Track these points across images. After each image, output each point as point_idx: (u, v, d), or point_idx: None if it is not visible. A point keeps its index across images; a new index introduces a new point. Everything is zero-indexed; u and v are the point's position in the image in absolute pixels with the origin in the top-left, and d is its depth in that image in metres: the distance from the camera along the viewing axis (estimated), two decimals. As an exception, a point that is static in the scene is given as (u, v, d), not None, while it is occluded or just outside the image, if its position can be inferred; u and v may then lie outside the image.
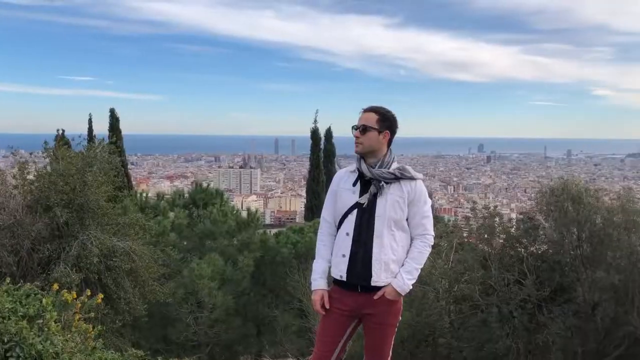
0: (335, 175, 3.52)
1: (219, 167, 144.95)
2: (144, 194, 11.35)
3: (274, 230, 16.03)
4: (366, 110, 3.40)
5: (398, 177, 3.31)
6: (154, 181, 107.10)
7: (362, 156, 3.36)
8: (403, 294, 3.36)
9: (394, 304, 3.37)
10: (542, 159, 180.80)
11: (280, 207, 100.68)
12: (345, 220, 3.34)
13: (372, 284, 3.29)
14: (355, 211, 3.30)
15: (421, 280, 11.00)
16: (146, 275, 7.24)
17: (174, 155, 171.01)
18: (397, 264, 3.34)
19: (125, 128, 14.58)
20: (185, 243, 9.98)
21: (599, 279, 10.05)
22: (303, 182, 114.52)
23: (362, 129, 3.33)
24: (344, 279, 3.31)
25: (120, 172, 8.87)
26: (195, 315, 9.40)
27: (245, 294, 10.47)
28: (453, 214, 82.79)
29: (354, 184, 3.35)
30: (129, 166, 16.66)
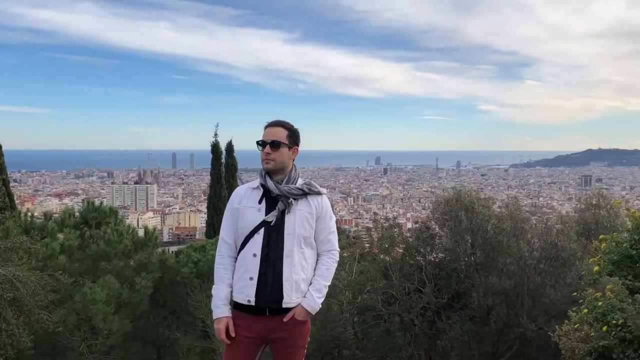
0: (234, 193, 3.29)
1: (113, 183, 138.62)
2: (29, 214, 10.45)
3: (173, 249, 15.43)
4: (274, 125, 3.25)
5: (306, 193, 3.21)
6: (41, 199, 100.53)
7: (268, 172, 3.22)
8: (313, 314, 3.23)
9: (303, 325, 3.22)
10: (434, 170, 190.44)
11: (179, 224, 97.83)
12: (251, 240, 3.13)
13: (284, 305, 3.13)
14: (262, 230, 3.12)
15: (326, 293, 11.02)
16: (32, 303, 6.62)
17: (63, 172, 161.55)
18: (307, 283, 3.22)
19: (6, 143, 13.40)
20: (77, 266, 9.30)
21: (491, 284, 10.57)
22: (203, 197, 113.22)
23: (275, 145, 3.18)
24: (252, 303, 3.11)
25: (5, 190, 8.12)
26: (88, 342, 8.75)
27: (144, 317, 9.93)
28: (353, 224, 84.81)
29: (260, 202, 3.18)
30: (12, 184, 15.34)
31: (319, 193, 3.27)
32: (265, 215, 3.13)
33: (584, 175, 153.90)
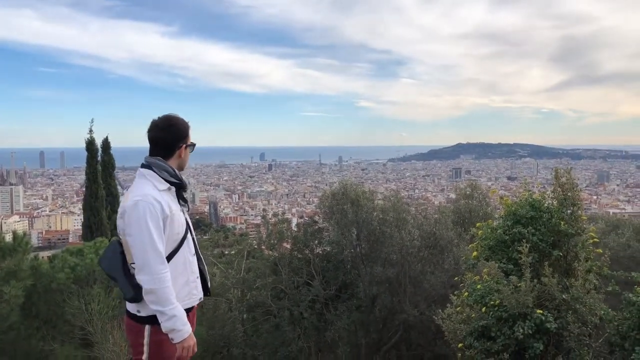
0: (153, 201, 2.94)
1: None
2: None
3: (46, 254, 14.35)
4: None
5: None
6: None
7: (175, 170, 3.16)
8: None
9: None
10: (318, 166, 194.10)
11: (50, 227, 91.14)
12: (185, 242, 3.10)
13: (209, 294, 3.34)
14: (187, 230, 3.15)
15: (213, 292, 10.81)
16: None
17: None
18: None
19: None
20: None
21: (376, 273, 10.98)
22: (76, 198, 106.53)
23: None
24: (202, 299, 3.25)
25: None
26: (-53, 361, 7.88)
27: (14, 329, 9.10)
28: (239, 222, 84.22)
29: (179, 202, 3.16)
30: None
31: None
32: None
33: (455, 167, 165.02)
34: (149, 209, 2.89)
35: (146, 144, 3.20)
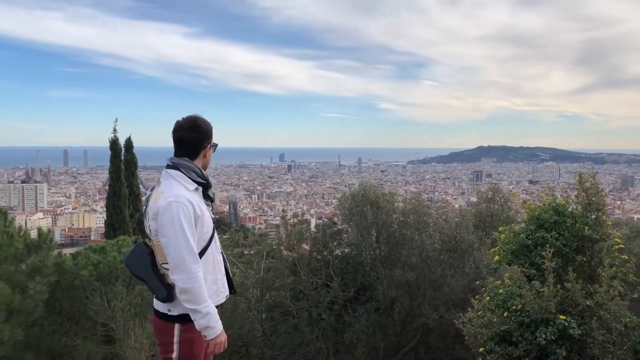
0: (186, 202, 3.00)
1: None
2: None
3: (68, 251, 14.57)
4: None
5: None
6: None
7: (202, 170, 3.23)
8: None
9: None
10: (337, 167, 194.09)
11: (73, 225, 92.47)
12: (213, 241, 3.21)
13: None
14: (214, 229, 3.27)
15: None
16: None
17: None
18: None
19: None
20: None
21: (395, 276, 10.94)
22: (98, 196, 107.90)
23: None
24: (228, 297, 3.36)
25: None
26: (-26, 354, 8.04)
27: (38, 325, 9.27)
28: (258, 222, 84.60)
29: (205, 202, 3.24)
30: None
31: None
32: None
33: (476, 170, 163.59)
34: (182, 210, 2.95)
35: (167, 144, 3.24)
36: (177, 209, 2.95)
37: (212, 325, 2.99)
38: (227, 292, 3.32)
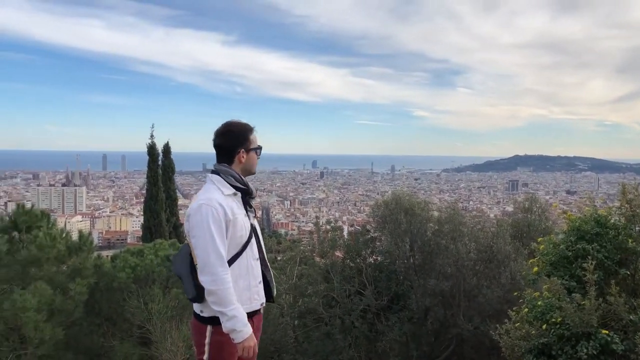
0: (217, 206, 3.04)
1: (39, 185, 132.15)
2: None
3: (106, 253, 14.90)
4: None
5: None
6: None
7: (241, 176, 3.24)
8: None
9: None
10: (370, 174, 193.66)
11: (110, 228, 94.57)
12: (249, 246, 3.17)
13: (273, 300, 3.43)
14: (252, 234, 3.22)
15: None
16: (-45, 312, 6.18)
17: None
18: None
19: None
20: (4, 272, 8.76)
21: (429, 285, 10.83)
22: (135, 200, 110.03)
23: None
24: (264, 305, 3.30)
25: None
26: (17, 353, 8.27)
27: (77, 325, 9.49)
28: (290, 228, 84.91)
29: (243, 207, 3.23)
30: None
31: None
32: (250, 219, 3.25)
33: (511, 180, 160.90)
34: (211, 212, 3.00)
35: (201, 150, 3.36)
36: (206, 212, 3.01)
37: (238, 329, 2.99)
38: (262, 300, 3.28)
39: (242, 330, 3.00)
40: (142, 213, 19.62)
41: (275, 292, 3.43)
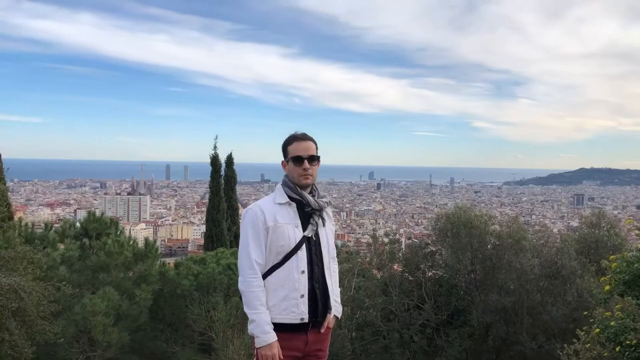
0: (258, 211, 3.12)
1: (105, 193, 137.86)
2: (29, 224, 10.36)
3: (168, 260, 15.35)
4: (306, 139, 3.27)
5: (328, 205, 3.32)
6: (32, 209, 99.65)
7: (298, 186, 3.21)
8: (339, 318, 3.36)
9: (330, 332, 3.33)
10: (428, 187, 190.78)
11: (172, 236, 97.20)
12: (294, 257, 3.10)
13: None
14: (304, 246, 3.13)
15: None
16: (35, 314, 6.52)
17: (55, 181, 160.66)
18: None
19: (2, 152, 13.19)
20: (76, 277, 9.21)
21: (491, 301, 10.56)
22: (196, 209, 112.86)
23: (313, 160, 3.25)
24: (306, 320, 3.11)
25: (4, 200, 8.07)
26: (87, 355, 8.66)
27: (142, 330, 9.82)
28: (347, 239, 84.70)
29: (296, 217, 3.17)
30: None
31: (330, 203, 3.38)
32: (303, 230, 3.15)
33: (577, 194, 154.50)
34: (252, 217, 3.12)
35: (259, 160, 3.40)
36: (248, 216, 3.15)
37: (256, 334, 3.02)
38: (303, 316, 3.10)
39: (260, 337, 3.02)
40: (202, 222, 20.17)
41: (327, 309, 3.21)
